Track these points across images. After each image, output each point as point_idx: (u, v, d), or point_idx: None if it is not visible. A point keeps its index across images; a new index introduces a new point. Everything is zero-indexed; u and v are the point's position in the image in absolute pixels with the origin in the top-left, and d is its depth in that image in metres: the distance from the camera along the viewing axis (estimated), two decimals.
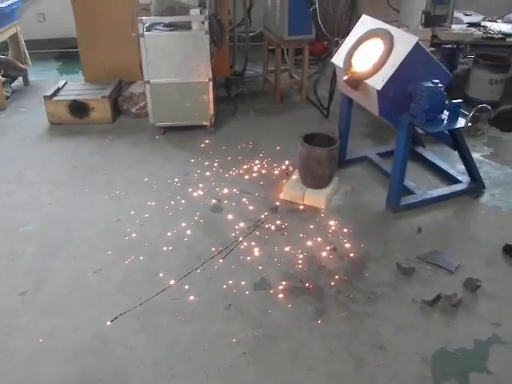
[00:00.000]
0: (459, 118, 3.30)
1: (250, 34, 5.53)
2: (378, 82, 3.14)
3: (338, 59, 3.55)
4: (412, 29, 5.05)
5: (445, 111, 3.29)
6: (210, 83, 4.32)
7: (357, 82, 3.29)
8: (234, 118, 4.87)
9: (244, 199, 3.64)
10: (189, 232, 3.30)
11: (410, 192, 3.66)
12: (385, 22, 5.95)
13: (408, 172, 3.79)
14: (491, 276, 3.01)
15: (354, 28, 3.54)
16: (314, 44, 5.05)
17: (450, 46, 5.11)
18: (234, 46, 5.54)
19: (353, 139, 4.26)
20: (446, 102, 3.25)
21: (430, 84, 3.13)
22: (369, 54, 3.31)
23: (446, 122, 3.30)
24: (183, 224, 3.37)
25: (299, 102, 5.14)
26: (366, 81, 3.22)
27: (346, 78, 3.35)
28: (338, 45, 3.76)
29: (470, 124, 3.06)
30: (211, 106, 4.42)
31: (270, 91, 5.31)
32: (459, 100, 3.32)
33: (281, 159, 4.10)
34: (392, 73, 3.09)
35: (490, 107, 3.05)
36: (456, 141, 3.56)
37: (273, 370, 2.42)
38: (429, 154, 4.15)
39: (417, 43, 3.08)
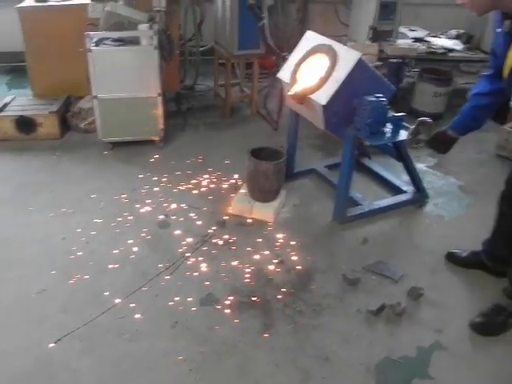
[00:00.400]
0: (401, 131, 3.36)
1: (201, 49, 5.55)
2: (322, 97, 3.17)
3: (283, 74, 3.57)
4: (360, 43, 5.16)
5: (388, 124, 3.35)
6: (160, 98, 4.28)
7: (302, 97, 3.31)
8: (184, 132, 4.84)
9: (192, 214, 3.60)
10: (135, 249, 3.25)
11: (356, 203, 3.70)
12: (334, 36, 6.08)
13: (354, 183, 3.84)
14: (434, 284, 3.06)
15: (299, 44, 3.57)
16: (265, 58, 5.07)
17: (396, 60, 5.20)
18: (185, 61, 5.52)
19: (302, 152, 4.29)
20: (389, 115, 3.31)
21: (373, 98, 3.18)
22: (313, 69, 3.35)
23: (389, 134, 3.35)
24: (130, 241, 3.32)
25: (249, 116, 5.15)
26: (310, 96, 3.25)
27: (290, 93, 3.37)
28: (285, 59, 3.79)
29: (411, 137, 3.10)
30: (160, 120, 4.38)
31: (221, 105, 5.31)
32: (402, 113, 3.39)
33: (230, 173, 4.09)
34: (336, 88, 3.12)
35: (431, 120, 3.12)
36: (399, 152, 3.62)
37: None
38: (375, 165, 4.22)
39: (360, 59, 3.13)
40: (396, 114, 3.35)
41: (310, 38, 3.52)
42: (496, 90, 2.68)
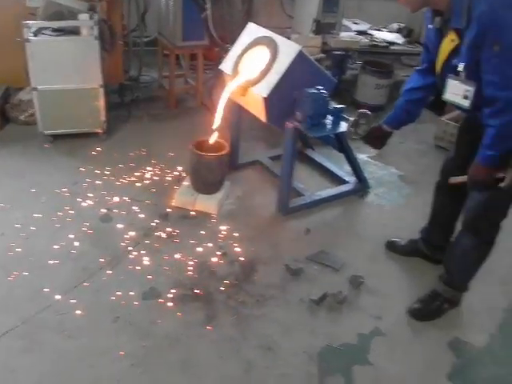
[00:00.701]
0: (342, 123, 3.39)
1: (146, 39, 5.45)
2: (263, 89, 3.17)
3: (226, 66, 3.55)
4: (304, 35, 5.19)
5: (329, 116, 3.38)
6: (101, 89, 4.19)
7: (243, 90, 3.31)
8: (128, 124, 4.76)
9: (135, 207, 3.55)
10: (76, 244, 3.17)
11: (299, 194, 3.74)
12: (279, 28, 6.09)
13: (298, 174, 3.88)
14: (374, 272, 3.13)
15: (241, 36, 3.55)
16: (209, 49, 5.03)
17: (339, 52, 5.27)
18: (130, 52, 5.41)
19: (246, 143, 4.28)
20: (330, 107, 3.34)
21: (314, 90, 3.20)
22: (254, 61, 3.34)
23: (329, 126, 3.39)
24: (71, 236, 3.23)
25: (194, 107, 5.10)
26: (252, 88, 3.25)
27: (232, 85, 3.36)
28: (228, 51, 3.76)
29: (352, 129, 3.15)
30: (103, 112, 4.29)
31: (165, 96, 5.25)
32: (342, 105, 3.43)
33: (174, 165, 4.04)
34: (277, 80, 3.13)
35: (370, 112, 3.17)
36: (341, 144, 3.68)
37: (162, 381, 2.38)
38: (318, 156, 4.26)
39: (300, 51, 3.14)
40: (337, 106, 3.39)
41: (252, 30, 3.51)
42: (429, 84, 2.74)
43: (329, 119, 3.39)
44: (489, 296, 3.00)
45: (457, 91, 2.35)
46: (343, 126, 3.35)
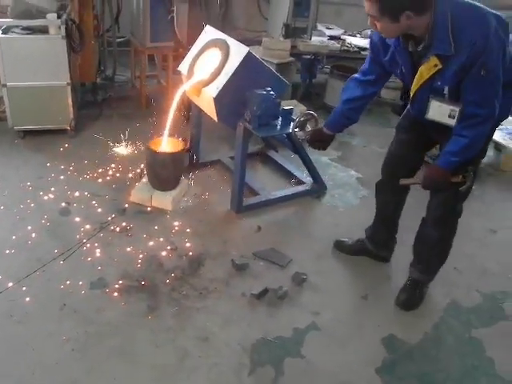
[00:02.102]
0: (291, 124, 3.51)
1: (120, 40, 5.62)
2: (213, 89, 3.31)
3: (183, 67, 3.69)
4: (274, 39, 5.34)
5: (279, 117, 3.52)
6: (69, 87, 4.33)
7: (197, 90, 3.45)
8: (98, 122, 4.90)
9: (94, 202, 3.68)
10: (34, 235, 3.31)
11: (256, 193, 3.88)
12: (257, 31, 6.28)
13: (258, 174, 4.03)
14: (319, 269, 3.26)
15: (199, 38, 3.69)
16: (177, 51, 5.17)
17: (308, 56, 5.43)
18: (104, 51, 5.58)
19: (210, 143, 4.44)
20: (279, 108, 3.47)
21: (263, 91, 3.34)
22: (208, 62, 3.48)
23: (278, 127, 3.52)
24: (29, 227, 3.38)
25: (165, 107, 5.22)
26: (204, 89, 3.38)
27: (186, 85, 3.50)
28: None
29: (296, 129, 3.28)
30: (71, 109, 4.44)
31: (138, 96, 5.39)
32: (290, 107, 3.57)
33: (137, 163, 4.16)
34: (225, 81, 3.27)
35: (315, 114, 3.31)
36: (293, 145, 3.81)
37: (99, 366, 2.50)
38: (279, 157, 4.40)
39: (248, 53, 3.27)
40: (285, 108, 3.52)
41: (209, 33, 3.65)
42: (370, 94, 2.90)
43: (278, 120, 3.53)
44: (429, 296, 3.13)
45: (442, 111, 2.47)
46: (291, 127, 3.48)
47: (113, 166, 4.16)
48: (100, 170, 4.08)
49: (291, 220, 3.76)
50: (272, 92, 3.36)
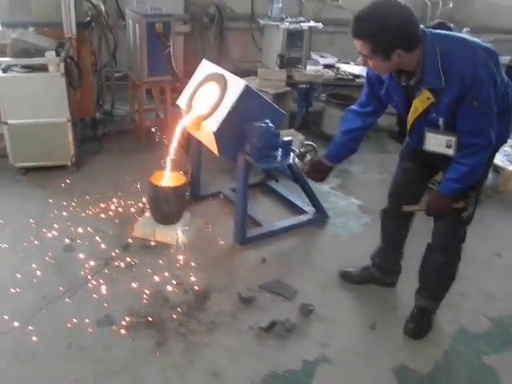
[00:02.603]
0: (291, 155, 3.56)
1: (118, 74, 5.70)
2: (213, 124, 3.36)
3: (181, 101, 3.75)
4: (270, 69, 5.43)
5: (278, 148, 3.56)
6: (69, 123, 4.39)
7: (196, 124, 3.50)
8: (98, 157, 4.94)
9: (97, 238, 3.70)
10: (38, 273, 3.32)
11: (258, 224, 3.90)
12: (252, 62, 6.37)
13: (259, 205, 4.07)
14: (325, 300, 3.26)
15: (196, 72, 3.75)
16: (174, 84, 5.24)
17: (303, 85, 5.50)
18: (102, 86, 5.65)
19: (210, 175, 4.48)
20: (279, 139, 3.52)
21: (262, 124, 3.38)
22: (206, 96, 3.53)
23: (278, 158, 3.56)
24: (34, 265, 3.38)
25: (164, 141, 5.27)
26: (204, 123, 3.44)
27: (186, 120, 3.56)
28: None
29: (297, 161, 3.32)
30: (71, 145, 4.48)
31: (137, 130, 5.45)
32: (289, 138, 3.61)
33: (138, 197, 4.19)
34: (225, 115, 3.31)
35: (314, 145, 3.35)
36: (294, 175, 3.86)
37: None
38: (281, 187, 4.43)
39: (245, 87, 3.32)
40: (285, 139, 3.56)
41: (205, 67, 3.72)
42: (368, 124, 2.96)
43: (278, 151, 3.57)
44: (436, 323, 3.13)
45: (438, 142, 2.53)
46: (291, 158, 3.53)
47: (115, 200, 4.19)
48: (102, 205, 4.11)
49: (295, 250, 3.78)
50: (271, 124, 3.40)
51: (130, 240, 3.70)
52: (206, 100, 3.49)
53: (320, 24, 5.79)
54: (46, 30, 4.61)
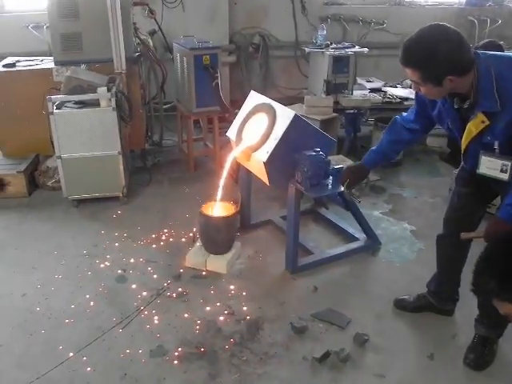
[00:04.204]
0: None
1: (166, 106, 5.84)
2: (263, 154, 3.39)
3: (231, 132, 3.80)
4: (316, 96, 5.45)
5: (329, 176, 3.54)
6: (120, 156, 4.50)
7: (246, 155, 3.54)
8: (149, 187, 5.04)
9: (149, 268, 3.75)
10: (92, 304, 3.38)
11: (309, 252, 3.87)
12: (297, 89, 6.42)
13: (310, 233, 4.05)
14: (380, 329, 3.19)
15: (245, 103, 3.79)
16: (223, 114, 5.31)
17: (351, 111, 5.49)
18: (151, 118, 5.79)
19: (259, 203, 4.49)
20: (329, 167, 3.50)
21: (312, 152, 3.39)
22: (255, 127, 3.57)
23: (329, 186, 3.54)
24: (87, 296, 3.45)
25: (213, 170, 5.34)
26: (254, 153, 3.47)
27: (236, 151, 3.61)
28: None
29: (344, 187, 3.30)
30: (122, 177, 4.59)
31: (185, 160, 5.54)
32: (340, 166, 3.58)
33: (189, 227, 4.23)
34: (275, 145, 3.34)
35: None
36: (345, 202, 3.83)
37: None
38: (331, 214, 4.40)
39: (295, 116, 3.34)
40: (335, 166, 3.55)
41: (254, 98, 3.76)
42: (412, 139, 3.03)
43: (329, 179, 3.56)
44: (500, 353, 2.98)
45: (493, 166, 2.48)
46: (341, 186, 3.48)
47: (166, 231, 4.25)
48: (153, 236, 4.17)
49: (347, 278, 3.72)
50: (321, 152, 3.41)
51: (181, 270, 3.73)
52: (256, 131, 3.53)
53: (365, 49, 5.81)
54: (97, 66, 4.80)
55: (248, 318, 3.26)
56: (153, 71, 5.46)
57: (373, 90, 5.91)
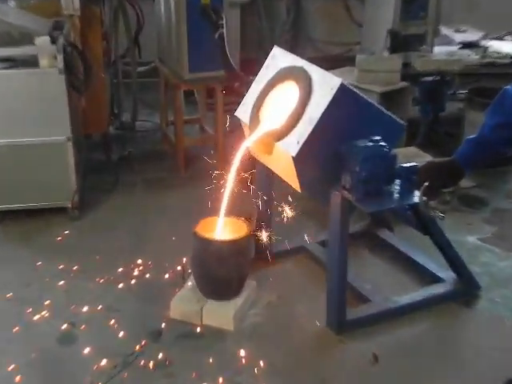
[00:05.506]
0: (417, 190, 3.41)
1: (143, 69, 5.75)
2: (292, 144, 3.28)
3: (243, 112, 3.73)
4: (375, 55, 5.36)
5: (395, 179, 3.43)
6: (69, 144, 4.43)
7: (267, 146, 3.46)
8: (114, 194, 5.01)
9: (112, 321, 3.65)
10: (18, 379, 3.24)
11: (364, 299, 3.77)
12: (346, 44, 6.34)
13: (365, 268, 3.94)
14: None
15: (264, 65, 3.73)
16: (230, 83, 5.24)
17: (431, 78, 5.38)
18: (119, 86, 5.71)
19: (286, 221, 4.36)
20: (395, 165, 3.39)
21: (368, 143, 3.27)
22: (280, 104, 3.50)
23: (396, 195, 3.42)
24: (11, 365, 3.31)
25: (213, 168, 5.23)
26: (277, 144, 3.38)
27: (250, 140, 3.54)
28: None
29: (424, 198, 3.23)
30: (72, 177, 4.52)
31: (171, 152, 5.48)
32: (413, 163, 3.46)
33: (176, 256, 4.15)
34: (310, 131, 3.23)
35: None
36: (422, 221, 3.72)
37: None
38: (397, 240, 4.33)
39: (341, 87, 3.23)
40: (406, 165, 3.43)
41: (278, 58, 3.69)
42: None
43: (395, 184, 3.44)
44: None
45: None
46: (417, 195, 3.39)
47: (139, 262, 4.17)
48: (120, 270, 4.09)
49: (426, 343, 3.61)
50: (382, 142, 3.30)
51: (162, 325, 3.62)
52: (280, 109, 3.46)
53: None
54: (33, 2, 4.74)
55: None
56: (122, 14, 5.41)
57: (466, 46, 5.83)
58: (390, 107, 3.87)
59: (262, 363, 3.36)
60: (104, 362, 3.35)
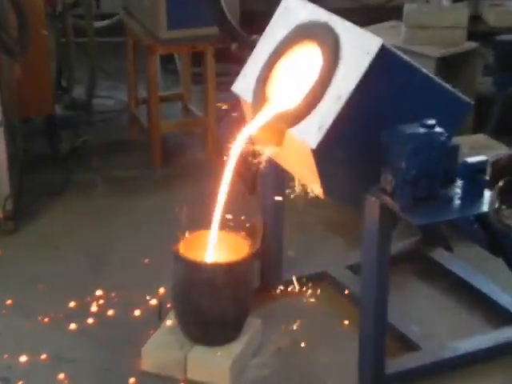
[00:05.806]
0: (485, 194, 3.45)
1: (99, 24, 5.84)
2: (311, 132, 3.30)
3: (243, 86, 3.80)
4: (430, 5, 5.43)
5: (456, 180, 3.46)
6: (1, 130, 4.54)
7: (277, 134, 3.54)
8: (64, 199, 5.10)
9: (61, 375, 3.72)
10: None
11: (411, 346, 3.85)
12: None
13: (413, 301, 4.06)
14: None
15: (273, 19, 3.79)
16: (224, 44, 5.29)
17: (510, 37, 5.45)
18: (69, 49, 5.78)
19: (302, 235, 4.48)
20: (458, 161, 3.41)
21: (418, 128, 3.29)
22: (296, 75, 3.57)
23: (456, 202, 3.46)
24: None
25: (202, 162, 5.34)
26: (290, 130, 3.43)
27: (253, 123, 3.60)
28: None
29: (497, 206, 3.29)
30: (5, 177, 4.63)
31: (144, 141, 5.60)
32: (483, 158, 3.50)
33: (149, 286, 4.25)
34: (336, 114, 3.25)
35: None
36: (493, 238, 3.77)
37: None
38: (457, 264, 4.41)
39: (382, 50, 3.22)
40: (473, 160, 3.44)
41: (292, 10, 3.72)
42: None
43: (456, 187, 3.49)
44: None
45: None
46: (486, 203, 3.43)
47: (98, 293, 4.26)
48: (71, 304, 4.18)
49: None
50: (438, 128, 3.32)
51: (131, 380, 3.70)
52: (295, 83, 3.54)
53: None
54: None
55: None
56: None
57: None
58: (452, 78, 3.93)
59: None
60: None
